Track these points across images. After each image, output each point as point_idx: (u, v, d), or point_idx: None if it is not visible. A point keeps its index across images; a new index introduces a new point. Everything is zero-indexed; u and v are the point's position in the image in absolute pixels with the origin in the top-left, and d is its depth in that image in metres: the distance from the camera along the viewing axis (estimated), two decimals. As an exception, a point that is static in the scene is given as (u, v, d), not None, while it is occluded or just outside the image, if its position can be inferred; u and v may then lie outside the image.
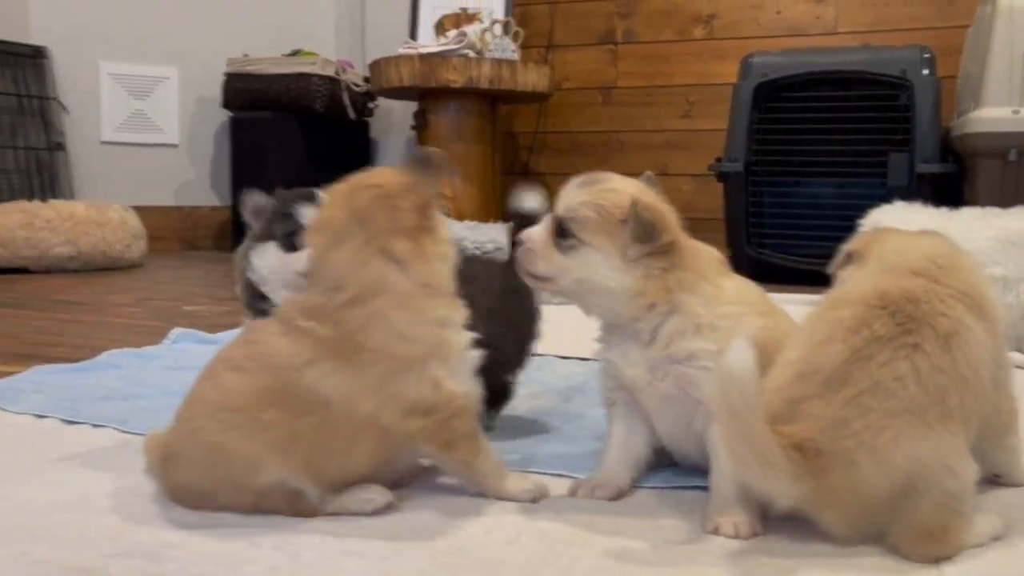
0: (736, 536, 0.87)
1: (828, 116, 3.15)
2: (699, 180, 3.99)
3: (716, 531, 0.88)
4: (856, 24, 3.78)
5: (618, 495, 0.99)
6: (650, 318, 0.95)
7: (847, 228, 2.53)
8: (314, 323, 0.92)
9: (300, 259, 1.07)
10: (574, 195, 0.96)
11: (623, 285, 0.94)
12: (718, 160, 3.37)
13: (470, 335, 0.97)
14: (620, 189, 0.96)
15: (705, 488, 0.98)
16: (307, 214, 1.12)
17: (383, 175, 0.98)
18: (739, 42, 3.91)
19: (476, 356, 0.97)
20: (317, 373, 0.90)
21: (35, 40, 4.13)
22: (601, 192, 0.95)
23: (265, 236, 1.17)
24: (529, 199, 1.20)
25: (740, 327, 0.94)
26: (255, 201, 1.21)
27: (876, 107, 3.09)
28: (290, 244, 1.15)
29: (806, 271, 3.09)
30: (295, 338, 0.92)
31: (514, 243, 0.99)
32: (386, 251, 0.93)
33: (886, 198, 2.52)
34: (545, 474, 1.07)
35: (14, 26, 4.07)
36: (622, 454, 1.01)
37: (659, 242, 0.93)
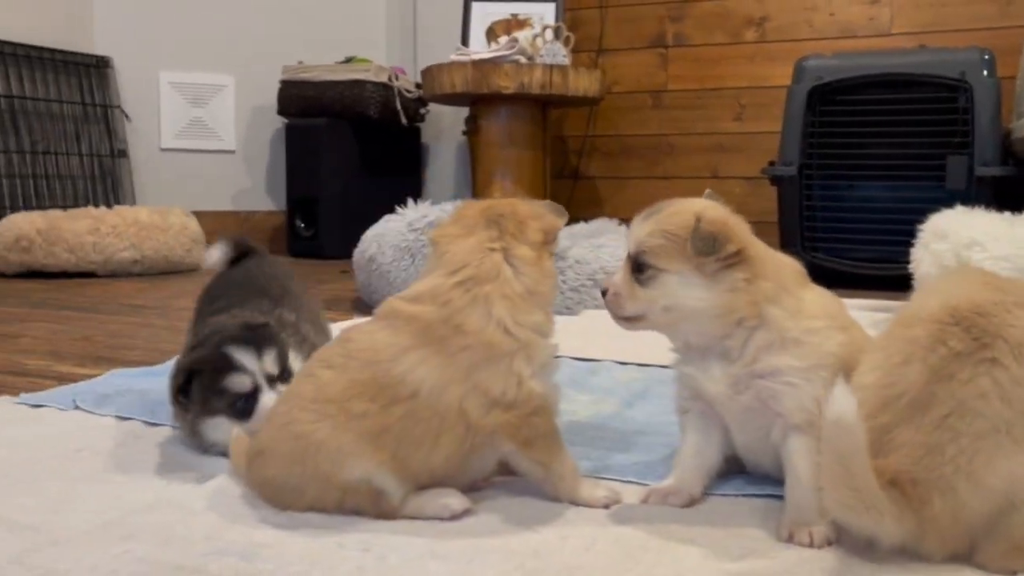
0: (811, 545, 0.89)
1: (884, 119, 3.12)
2: (751, 183, 3.97)
3: (791, 539, 0.90)
4: (912, 25, 3.74)
5: (690, 503, 1.01)
6: (739, 333, 0.95)
7: (902, 232, 2.52)
8: (421, 306, 0.97)
9: (257, 421, 1.12)
10: (640, 229, 0.98)
11: (709, 303, 0.94)
12: (771, 163, 3.36)
13: (557, 345, 1.01)
14: (683, 210, 0.97)
15: (777, 496, 0.99)
16: (240, 384, 1.15)
17: (517, 202, 1.07)
18: (791, 44, 3.89)
19: (558, 364, 1.00)
20: (408, 362, 0.95)
21: (99, 50, 4.26)
22: (664, 218, 0.97)
23: (210, 411, 1.16)
24: None
25: (825, 343, 0.94)
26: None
27: (934, 110, 3.05)
28: (238, 412, 1.15)
29: (860, 275, 3.08)
30: (392, 329, 0.97)
31: (603, 292, 1.01)
32: (507, 251, 1.01)
33: (944, 201, 2.50)
34: (615, 480, 1.09)
35: (80, 37, 4.21)
36: (696, 463, 1.03)
37: (724, 252, 0.93)
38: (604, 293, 1.00)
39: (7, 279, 3.39)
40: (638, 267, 0.97)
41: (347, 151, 4.25)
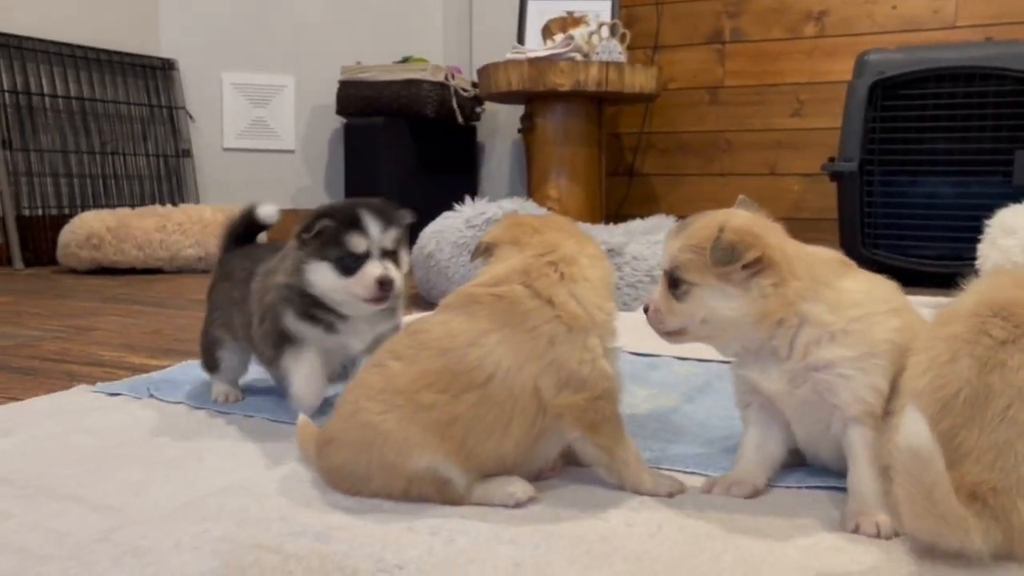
0: (877, 535, 0.88)
1: (948, 113, 3.06)
2: (810, 179, 3.93)
3: (857, 530, 0.90)
4: (977, 17, 3.66)
5: (754, 494, 1.01)
6: (782, 333, 0.97)
7: (966, 228, 2.48)
8: (506, 285, 1.02)
9: (356, 283, 1.25)
10: (672, 245, 1.01)
11: (742, 311, 0.96)
12: (831, 159, 3.31)
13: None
14: (709, 223, 0.99)
15: (839, 488, 0.99)
16: (356, 244, 1.25)
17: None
18: (852, 39, 3.84)
19: (620, 354, 1.03)
20: (487, 345, 0.98)
21: (165, 53, 4.38)
22: (693, 232, 0.99)
23: (318, 256, 1.26)
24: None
25: (872, 329, 0.95)
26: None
27: (1001, 103, 2.98)
28: (343, 267, 1.25)
29: (922, 272, 3.02)
30: (468, 315, 1.00)
31: (645, 309, 1.05)
32: (582, 244, 1.09)
33: (1011, 197, 2.44)
34: (678, 471, 1.10)
35: (147, 40, 4.33)
36: (759, 455, 1.04)
37: (745, 260, 0.94)
38: (646, 310, 1.03)
39: (79, 275, 3.51)
40: (673, 282, 1.00)
41: (404, 150, 4.30)
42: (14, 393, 1.55)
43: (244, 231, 1.58)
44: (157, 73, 4.34)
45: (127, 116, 4.24)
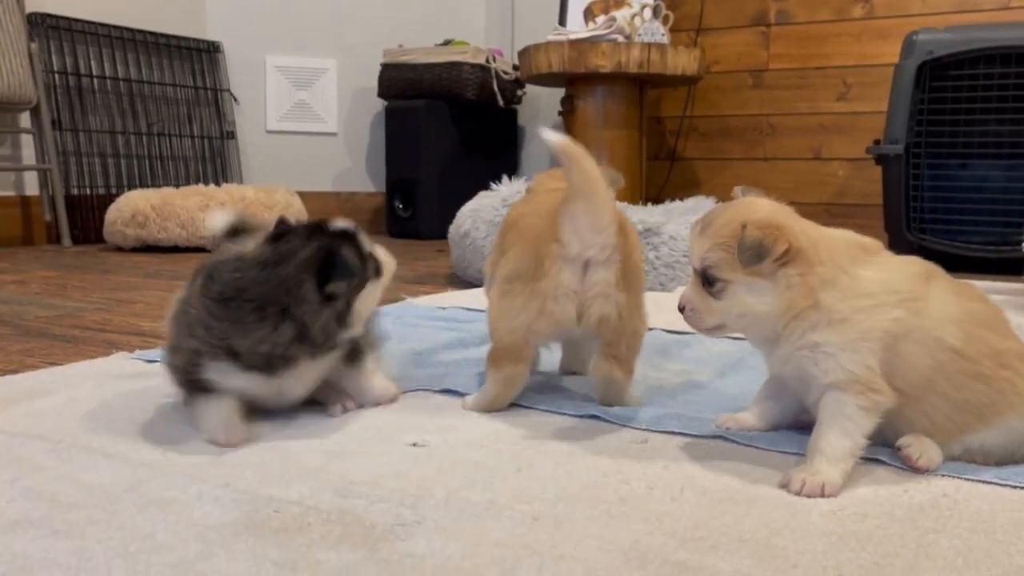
0: (798, 493, 0.91)
1: (999, 95, 2.97)
2: (855, 164, 3.85)
3: (786, 486, 0.94)
4: (1033, -3, 3.55)
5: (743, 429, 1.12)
6: (795, 323, 0.98)
7: (1017, 212, 2.41)
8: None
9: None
10: (700, 244, 1.01)
11: (774, 304, 0.97)
12: (876, 142, 3.25)
13: None
14: (732, 219, 0.99)
15: (868, 458, 0.98)
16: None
17: None
18: (902, 20, 3.75)
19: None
20: None
21: (211, 36, 4.44)
22: (719, 230, 0.99)
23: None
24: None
25: (870, 319, 0.95)
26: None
27: (1055, 85, 2.90)
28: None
29: (969, 258, 2.95)
30: None
31: (680, 308, 1.05)
32: None
33: (1065, 181, 2.37)
34: (703, 437, 1.09)
35: (193, 23, 4.39)
36: (760, 408, 1.14)
37: (774, 255, 0.95)
38: (682, 309, 1.04)
39: (124, 253, 3.58)
40: (707, 280, 1.01)
41: (445, 133, 4.31)
42: (55, 359, 1.59)
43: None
44: (203, 56, 4.40)
45: (173, 98, 4.30)
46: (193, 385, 1.11)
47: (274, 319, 1.06)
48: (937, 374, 0.96)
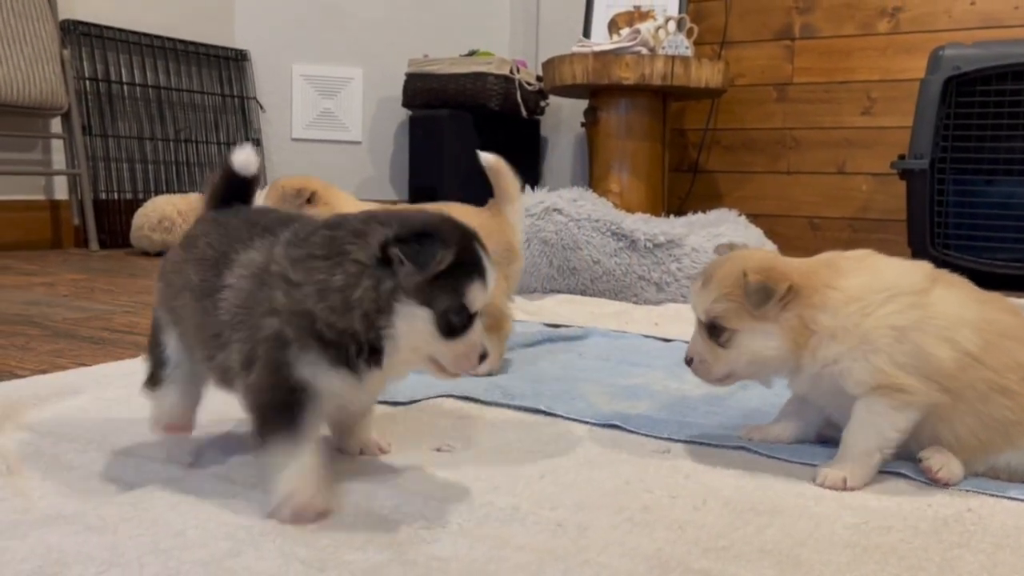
0: (822, 485, 0.97)
1: (1026, 111, 2.96)
2: (879, 179, 3.84)
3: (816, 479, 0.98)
4: (1062, 13, 3.53)
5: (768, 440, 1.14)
6: (807, 353, 1.01)
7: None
8: None
9: (462, 349, 0.86)
10: (703, 297, 1.05)
11: (780, 347, 1.01)
12: (901, 157, 3.23)
13: None
14: (732, 270, 1.03)
15: (894, 472, 0.98)
16: (476, 298, 0.86)
17: None
18: (928, 35, 3.74)
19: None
20: None
21: (238, 44, 4.49)
22: (722, 281, 1.03)
23: (421, 297, 0.83)
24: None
25: (866, 321, 0.98)
26: None
27: (1084, 101, 2.87)
28: (447, 325, 0.85)
29: (994, 274, 2.93)
30: None
31: (688, 361, 1.08)
32: None
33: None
34: (724, 447, 1.09)
35: (221, 31, 4.44)
36: (784, 423, 1.15)
37: (779, 294, 0.99)
38: (689, 362, 1.07)
39: (150, 257, 3.62)
40: (714, 332, 1.04)
41: (469, 142, 4.32)
42: (83, 360, 1.61)
43: (229, 189, 1.06)
44: (230, 64, 4.45)
45: (201, 105, 4.35)
46: (279, 403, 0.85)
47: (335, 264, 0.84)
48: (961, 374, 0.97)
